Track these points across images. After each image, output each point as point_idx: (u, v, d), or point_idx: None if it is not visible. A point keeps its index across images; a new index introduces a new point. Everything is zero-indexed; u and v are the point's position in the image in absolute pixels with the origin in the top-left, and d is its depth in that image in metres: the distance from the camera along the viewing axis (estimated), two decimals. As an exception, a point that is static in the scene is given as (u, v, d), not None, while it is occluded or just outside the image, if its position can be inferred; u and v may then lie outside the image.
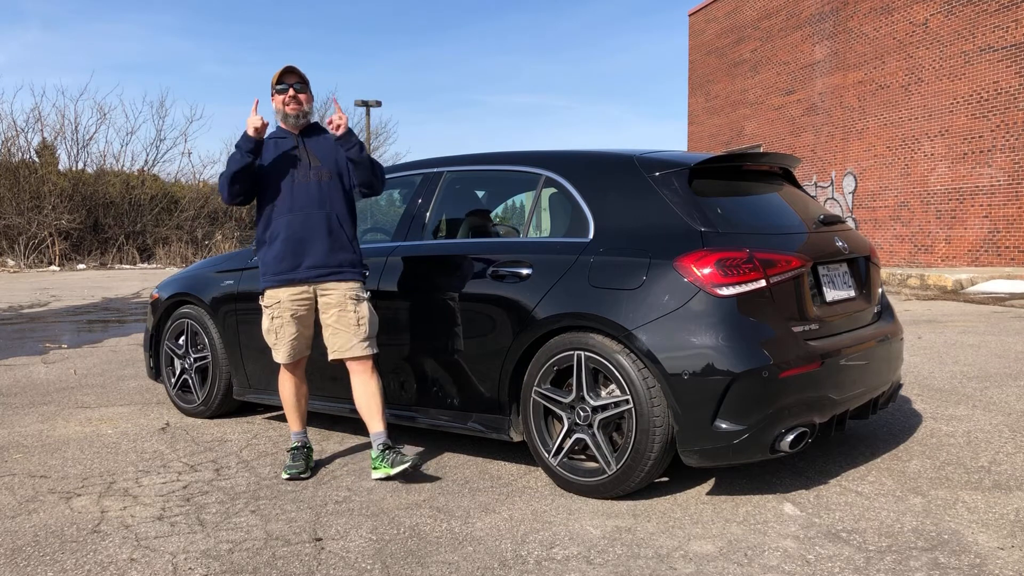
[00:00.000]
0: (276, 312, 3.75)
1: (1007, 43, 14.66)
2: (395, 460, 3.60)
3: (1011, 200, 14.73)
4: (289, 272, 3.71)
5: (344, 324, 3.73)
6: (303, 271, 3.71)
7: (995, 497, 3.33)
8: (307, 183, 3.73)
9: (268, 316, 3.79)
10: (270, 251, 3.76)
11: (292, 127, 3.80)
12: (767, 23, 21.73)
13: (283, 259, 3.71)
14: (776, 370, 3.19)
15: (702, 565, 2.75)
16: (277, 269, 3.73)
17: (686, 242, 3.33)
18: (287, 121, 3.80)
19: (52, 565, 2.83)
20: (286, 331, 3.76)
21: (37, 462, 4.07)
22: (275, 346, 3.81)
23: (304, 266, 3.71)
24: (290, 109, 3.77)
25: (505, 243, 4.06)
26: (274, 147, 3.80)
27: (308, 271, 3.71)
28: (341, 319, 3.73)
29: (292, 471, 3.72)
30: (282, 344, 3.78)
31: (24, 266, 23.66)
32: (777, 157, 4.14)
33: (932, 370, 6.00)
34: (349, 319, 3.72)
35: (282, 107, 3.78)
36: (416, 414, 4.05)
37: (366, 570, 2.75)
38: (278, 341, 3.78)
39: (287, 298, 3.73)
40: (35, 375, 6.51)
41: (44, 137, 26.95)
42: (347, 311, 3.72)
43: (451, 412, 3.91)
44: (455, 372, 3.86)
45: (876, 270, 4.07)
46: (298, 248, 3.70)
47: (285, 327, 3.75)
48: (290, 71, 3.76)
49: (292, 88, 3.75)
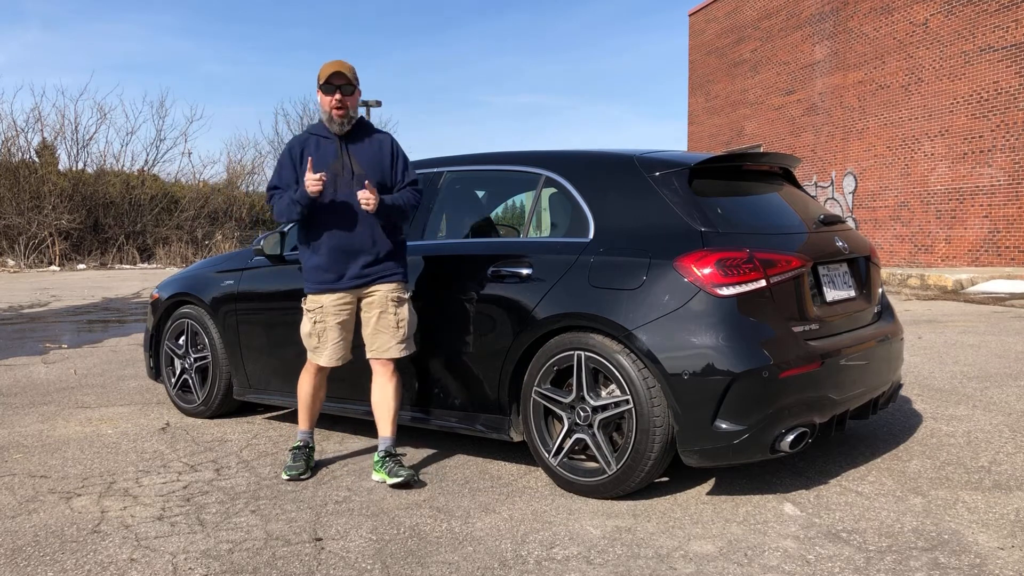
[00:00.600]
0: (319, 317, 3.71)
1: (1007, 43, 14.66)
2: (393, 471, 3.60)
3: (1011, 200, 14.73)
4: (332, 283, 3.68)
5: (384, 326, 3.71)
6: (346, 281, 3.67)
7: (995, 497, 3.33)
8: (350, 192, 3.64)
9: (310, 320, 3.74)
10: (313, 258, 3.70)
11: (337, 132, 3.71)
12: (767, 23, 21.73)
13: (327, 270, 3.67)
14: (776, 370, 3.19)
15: (702, 565, 2.75)
16: (320, 279, 3.69)
17: (686, 242, 3.33)
18: (332, 126, 3.70)
19: (52, 565, 2.83)
20: (329, 336, 3.71)
21: (37, 462, 4.07)
22: (317, 350, 3.75)
23: (348, 276, 3.67)
24: (336, 114, 3.66)
25: (505, 243, 4.06)
26: (315, 147, 3.70)
27: (351, 280, 3.67)
28: (382, 320, 3.71)
29: (292, 472, 3.72)
30: (324, 348, 3.73)
31: (24, 266, 23.66)
32: (777, 157, 4.14)
33: (932, 370, 6.00)
34: (389, 321, 3.71)
35: (328, 109, 3.66)
36: (417, 414, 4.04)
37: (366, 570, 2.75)
38: (320, 345, 3.73)
39: (330, 303, 3.69)
40: (35, 375, 6.51)
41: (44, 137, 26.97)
42: (388, 313, 3.71)
43: (451, 412, 3.91)
44: (455, 372, 3.86)
45: (876, 270, 4.07)
46: (342, 259, 3.66)
47: (328, 332, 3.71)
48: (339, 73, 3.62)
49: (339, 91, 3.62)
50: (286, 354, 4.50)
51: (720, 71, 24.16)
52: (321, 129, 3.76)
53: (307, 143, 3.73)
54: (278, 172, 3.77)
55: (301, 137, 3.80)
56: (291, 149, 3.76)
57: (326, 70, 3.65)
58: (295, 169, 3.71)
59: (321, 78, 3.65)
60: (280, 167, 3.76)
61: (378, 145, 3.78)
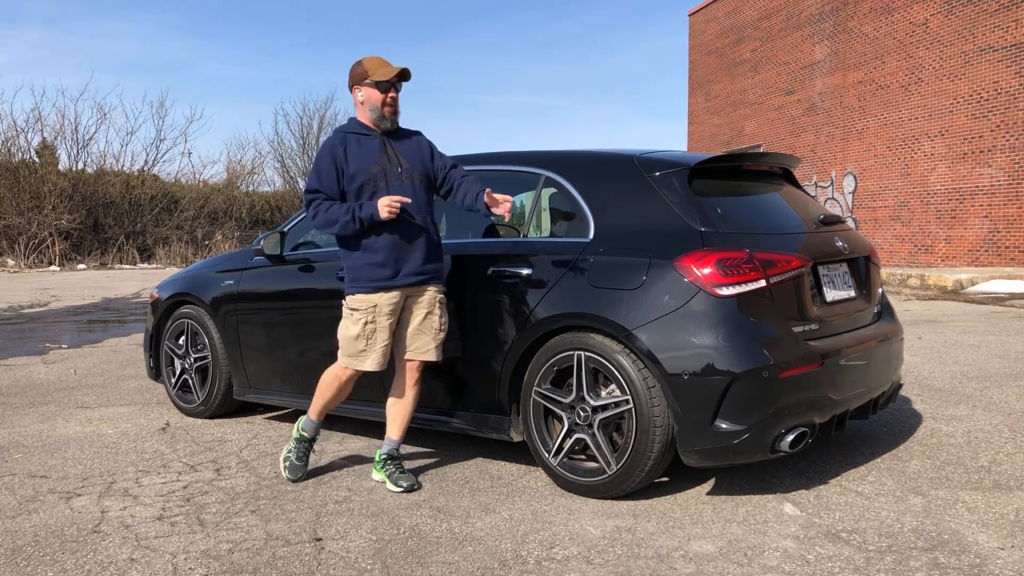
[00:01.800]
0: (371, 317, 3.56)
1: (1007, 43, 14.66)
2: (394, 477, 3.58)
3: (1011, 200, 14.72)
4: (388, 280, 3.56)
5: (427, 327, 3.64)
6: (402, 278, 3.57)
7: (995, 497, 3.33)
8: (402, 186, 3.56)
9: (360, 322, 3.56)
10: (366, 256, 3.56)
11: (384, 128, 3.63)
12: (767, 23, 21.73)
13: (383, 266, 3.55)
14: (776, 370, 3.19)
15: (702, 565, 2.75)
16: (376, 276, 3.56)
17: (686, 242, 3.33)
18: (381, 122, 3.61)
19: (52, 565, 2.83)
20: (379, 338, 3.58)
21: (37, 462, 4.07)
22: (364, 353, 3.58)
23: (403, 273, 3.57)
24: (388, 112, 3.58)
25: (505, 243, 4.06)
26: (358, 145, 3.58)
27: (406, 278, 3.57)
28: (427, 322, 3.64)
29: (297, 474, 3.70)
30: (372, 351, 3.58)
31: (24, 266, 23.66)
32: (777, 157, 4.14)
33: (932, 370, 6.00)
34: (433, 323, 3.65)
35: (380, 105, 3.57)
36: (417, 413, 4.04)
37: (366, 570, 2.75)
38: (368, 348, 3.58)
39: (385, 303, 3.56)
40: (35, 375, 6.51)
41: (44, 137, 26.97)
42: (434, 315, 3.65)
43: (451, 412, 3.91)
44: (455, 372, 3.86)
45: (876, 270, 4.07)
46: (400, 255, 3.55)
47: (379, 333, 3.57)
48: (405, 72, 3.58)
49: (394, 88, 3.58)
50: (286, 354, 4.50)
51: (720, 71, 24.16)
52: (358, 127, 3.64)
53: (347, 142, 3.59)
54: (318, 175, 3.59)
55: (337, 138, 3.62)
56: (332, 151, 3.58)
57: (384, 68, 3.57)
58: (338, 173, 3.57)
59: (376, 74, 3.56)
60: (320, 170, 3.58)
61: (415, 140, 3.73)
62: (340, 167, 3.56)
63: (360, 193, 3.55)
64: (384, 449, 3.68)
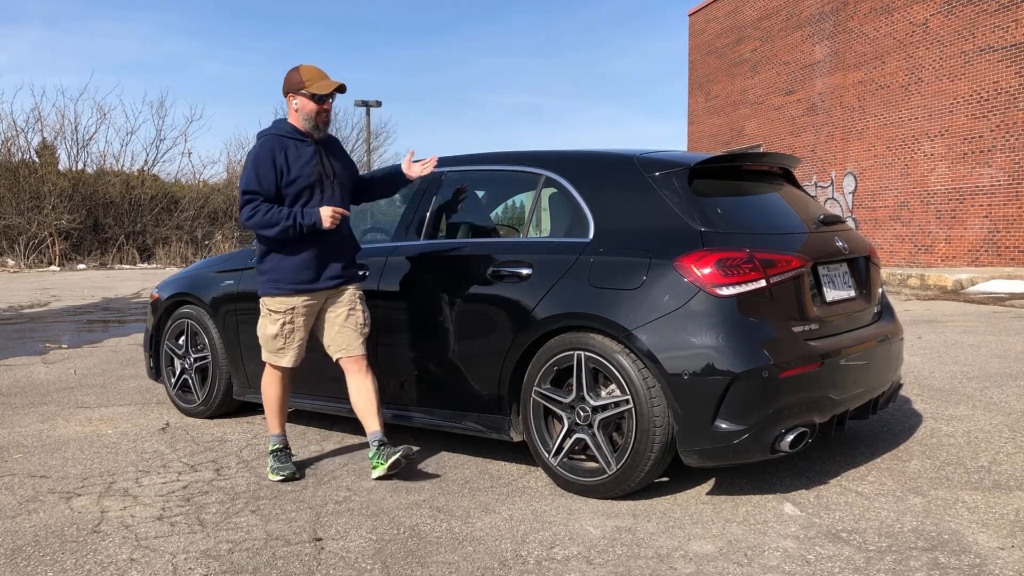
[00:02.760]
0: (290, 318, 3.73)
1: (1007, 43, 14.66)
2: (388, 454, 3.63)
3: (1011, 200, 14.73)
4: (308, 283, 3.70)
5: (352, 323, 3.78)
6: (323, 281, 3.73)
7: (995, 497, 3.33)
8: (333, 195, 3.74)
9: (278, 322, 3.73)
10: (290, 259, 3.68)
11: (317, 137, 3.75)
12: (767, 23, 21.73)
13: (306, 269, 3.68)
14: (776, 370, 3.19)
15: (702, 565, 2.75)
16: (297, 278, 3.69)
17: (686, 242, 3.34)
18: (315, 131, 3.72)
19: (52, 565, 2.83)
20: (296, 336, 3.76)
21: (37, 462, 4.07)
22: (282, 351, 3.77)
23: (324, 277, 3.72)
24: (321, 122, 3.72)
25: (505, 243, 4.06)
26: (295, 150, 3.68)
27: (326, 281, 3.73)
28: (350, 318, 3.78)
29: (285, 472, 3.72)
30: (290, 349, 3.77)
31: (24, 266, 23.66)
32: (777, 157, 4.14)
33: (932, 370, 6.00)
34: (357, 319, 3.79)
35: (313, 116, 3.68)
36: (417, 414, 4.05)
37: (366, 570, 2.75)
38: (286, 346, 3.76)
39: (301, 304, 3.72)
40: (35, 375, 6.51)
41: (44, 137, 26.95)
42: (356, 311, 3.79)
43: (451, 412, 3.91)
44: (455, 372, 3.86)
45: (876, 270, 4.08)
46: (323, 260, 3.71)
47: (296, 333, 3.75)
48: (342, 89, 3.71)
49: (329, 101, 3.72)
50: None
51: (720, 71, 24.16)
52: (293, 132, 3.72)
53: (286, 146, 3.67)
54: (257, 176, 3.60)
55: (275, 140, 3.67)
56: (273, 154, 3.62)
57: (322, 82, 3.67)
58: (277, 176, 3.62)
59: (313, 87, 3.65)
60: (260, 172, 3.61)
61: (339, 146, 3.93)
62: (281, 170, 3.64)
63: (297, 198, 3.67)
64: (372, 442, 3.73)
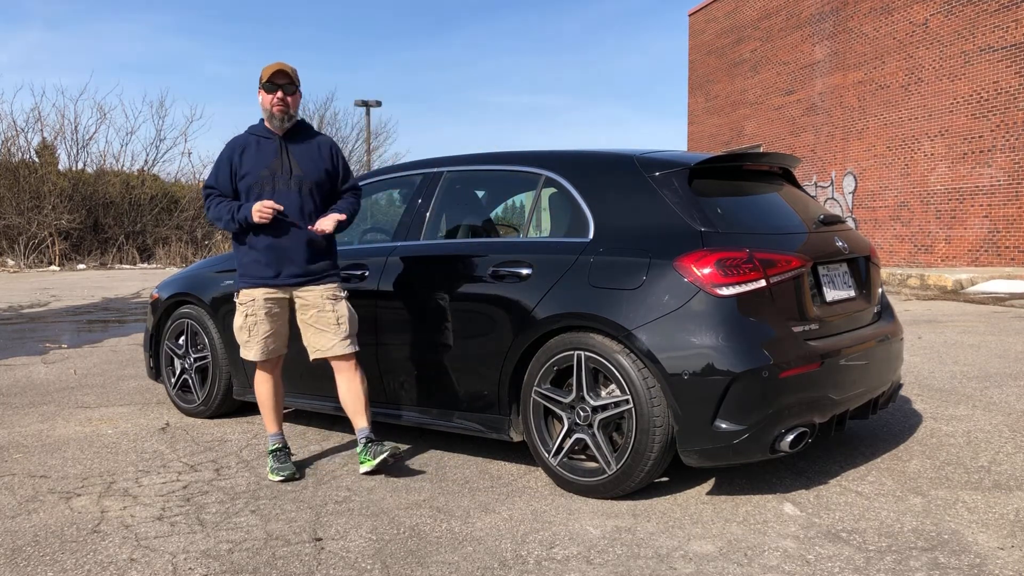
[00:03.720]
0: (251, 310, 3.75)
1: (1007, 43, 14.66)
2: (376, 451, 3.65)
3: (1011, 200, 14.73)
4: (270, 279, 3.73)
5: (324, 323, 3.75)
6: (282, 279, 3.74)
7: (995, 497, 3.33)
8: (288, 192, 3.71)
9: (242, 314, 3.79)
10: (249, 255, 3.75)
11: (277, 129, 3.77)
12: (767, 23, 21.73)
13: (264, 266, 3.72)
14: (776, 370, 3.19)
15: (702, 565, 2.75)
16: (258, 273, 3.74)
17: (686, 242, 3.34)
18: (272, 122, 3.76)
19: (52, 565, 2.83)
20: (260, 329, 3.76)
21: (37, 462, 4.07)
22: (247, 343, 3.80)
23: (284, 275, 3.73)
24: (277, 111, 3.72)
25: (505, 243, 4.06)
26: (256, 147, 3.76)
27: (287, 279, 3.74)
28: (320, 319, 3.75)
29: (285, 472, 3.71)
30: (254, 341, 3.77)
31: (24, 266, 23.65)
32: (777, 157, 4.14)
33: (932, 370, 6.00)
34: (328, 318, 3.75)
35: (269, 107, 3.73)
36: (417, 414, 4.05)
37: (366, 570, 2.75)
38: (251, 338, 3.78)
39: (262, 296, 3.74)
40: (35, 375, 6.51)
41: (44, 137, 26.94)
42: (325, 311, 3.75)
43: (451, 412, 3.91)
44: (455, 372, 3.86)
45: (876, 270, 4.08)
46: (279, 257, 3.71)
47: (259, 325, 3.76)
48: (281, 72, 3.70)
49: (281, 90, 3.71)
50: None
51: (720, 71, 24.16)
52: (261, 129, 3.81)
53: (248, 143, 3.77)
54: (215, 172, 3.80)
55: (242, 137, 3.82)
56: (232, 150, 3.78)
57: (268, 70, 3.72)
58: (231, 172, 3.76)
59: (263, 78, 3.72)
60: (218, 167, 3.79)
61: (317, 147, 3.85)
62: (234, 167, 3.76)
63: (248, 193, 3.74)
64: (360, 439, 3.76)
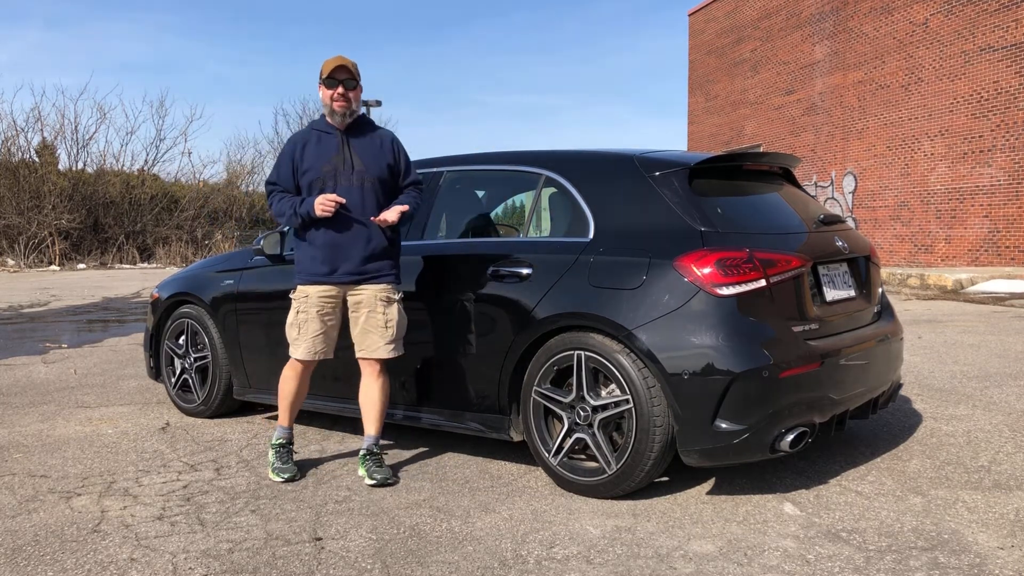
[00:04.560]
0: (303, 306, 3.70)
1: (1007, 43, 14.66)
2: (371, 470, 3.64)
3: (1011, 200, 14.73)
4: (324, 276, 3.68)
5: (372, 325, 3.70)
6: (339, 276, 3.68)
7: (995, 497, 3.33)
8: (349, 187, 3.66)
9: (295, 311, 3.73)
10: (307, 251, 3.71)
11: (338, 124, 3.73)
12: (767, 23, 21.72)
13: (320, 262, 3.67)
14: (776, 370, 3.19)
15: (702, 565, 2.75)
16: (312, 270, 3.69)
17: (686, 242, 3.33)
18: (333, 117, 3.71)
19: (52, 565, 2.83)
20: (310, 327, 3.69)
21: (37, 462, 4.07)
22: (296, 341, 3.73)
23: (340, 271, 3.67)
24: (337, 106, 3.68)
25: (505, 243, 4.06)
26: (317, 142, 3.72)
27: (342, 276, 3.68)
28: (370, 320, 3.70)
29: (286, 474, 3.69)
30: (304, 339, 3.71)
31: (24, 266, 23.66)
32: (777, 157, 4.14)
33: (932, 370, 6.00)
34: (377, 320, 3.70)
35: (329, 102, 3.67)
36: (417, 413, 4.05)
37: (366, 570, 2.75)
38: (300, 336, 3.71)
39: (315, 294, 3.69)
40: (35, 375, 6.51)
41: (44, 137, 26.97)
42: (376, 312, 3.70)
43: (451, 411, 3.91)
44: (455, 372, 3.86)
45: (876, 270, 4.08)
46: (336, 254, 3.66)
47: (309, 323, 3.69)
48: (342, 67, 3.66)
49: (342, 84, 3.67)
50: (286, 353, 4.49)
51: (720, 71, 24.16)
52: (322, 124, 3.77)
53: (308, 138, 3.75)
54: (277, 168, 3.80)
55: (303, 133, 3.81)
56: (293, 145, 3.77)
57: (328, 65, 3.68)
58: (293, 168, 3.74)
59: (324, 73, 3.68)
60: (280, 164, 3.78)
61: (379, 141, 3.79)
62: (296, 163, 3.74)
63: (311, 188, 3.71)
64: (364, 445, 3.75)
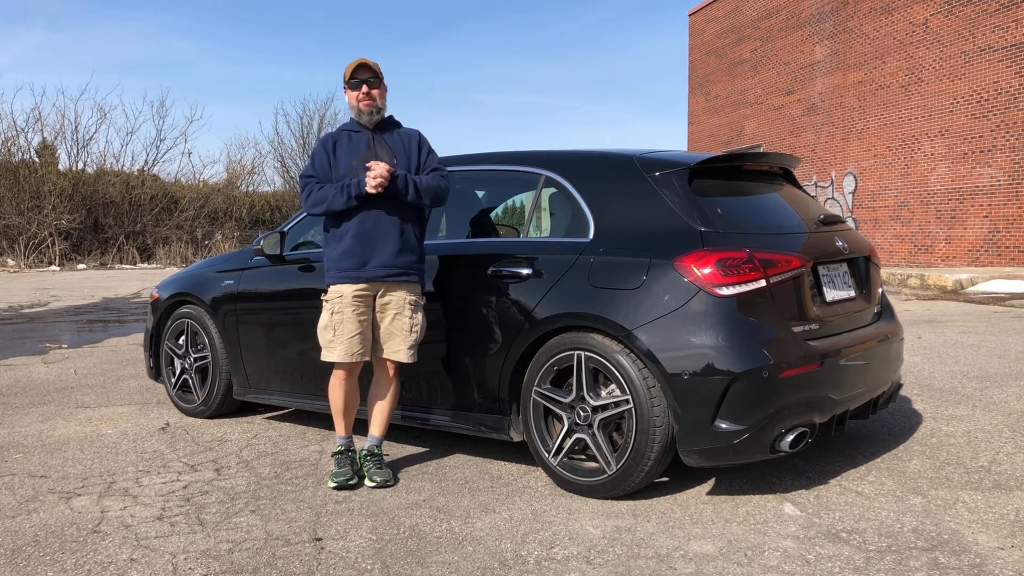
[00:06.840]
0: (337, 307, 3.64)
1: (1007, 43, 14.66)
2: (370, 472, 3.64)
3: (1011, 200, 14.73)
4: (356, 270, 3.64)
5: (398, 328, 3.68)
6: (370, 270, 3.64)
7: (995, 497, 3.33)
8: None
9: (328, 311, 3.68)
10: (338, 247, 3.68)
11: (366, 123, 3.76)
12: (767, 23, 21.73)
13: (351, 256, 3.64)
14: (776, 370, 3.19)
15: (702, 565, 2.75)
16: (344, 265, 3.66)
17: (686, 242, 3.34)
18: (361, 117, 3.75)
19: (52, 565, 2.83)
20: (345, 328, 3.62)
21: (37, 462, 4.07)
22: (331, 344, 3.65)
23: (372, 265, 3.64)
24: (363, 106, 3.72)
25: (505, 243, 4.06)
26: (347, 140, 3.75)
27: (375, 270, 3.64)
28: (396, 322, 3.68)
29: (339, 479, 3.62)
30: (339, 342, 3.63)
31: (24, 266, 23.65)
32: (777, 157, 4.14)
33: (932, 370, 6.00)
34: (403, 324, 3.68)
35: (356, 103, 3.72)
36: (417, 413, 4.05)
37: (366, 570, 2.75)
38: (335, 338, 3.64)
39: (350, 294, 3.64)
40: (35, 375, 6.51)
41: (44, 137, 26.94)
42: (403, 316, 3.68)
43: (450, 411, 3.91)
44: (455, 372, 3.86)
45: (876, 270, 4.08)
46: (368, 246, 3.64)
47: (345, 324, 3.62)
48: (363, 66, 3.70)
49: (365, 84, 3.70)
50: (286, 354, 4.50)
51: (720, 71, 24.16)
52: (352, 125, 3.81)
53: (339, 138, 3.78)
54: (312, 162, 3.81)
55: (333, 133, 3.85)
56: (324, 143, 3.80)
57: (350, 67, 3.73)
58: (329, 161, 3.75)
59: (346, 76, 3.73)
60: (314, 158, 3.80)
61: (407, 138, 3.82)
62: (330, 157, 3.76)
63: None
64: (365, 445, 3.74)
